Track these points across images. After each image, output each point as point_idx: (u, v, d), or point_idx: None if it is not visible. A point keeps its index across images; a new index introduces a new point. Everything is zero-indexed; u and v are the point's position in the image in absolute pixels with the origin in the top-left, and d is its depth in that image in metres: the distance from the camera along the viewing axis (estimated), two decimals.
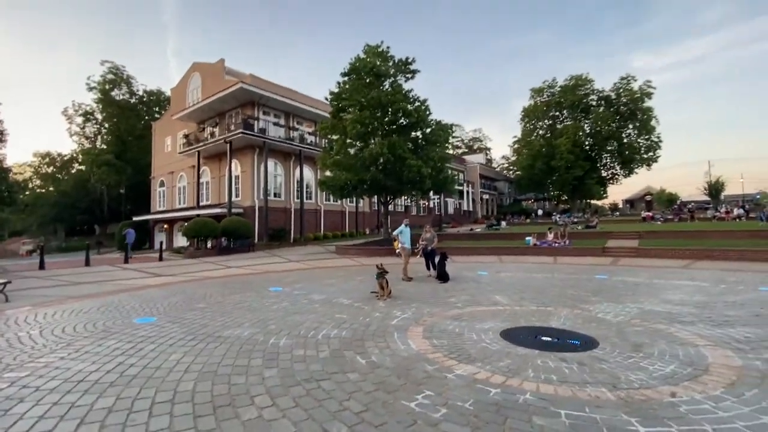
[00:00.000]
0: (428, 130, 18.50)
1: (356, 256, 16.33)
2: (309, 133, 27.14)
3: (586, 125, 48.09)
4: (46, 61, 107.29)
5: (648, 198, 66.90)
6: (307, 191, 27.15)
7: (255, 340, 4.55)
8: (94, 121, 47.16)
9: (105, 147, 45.21)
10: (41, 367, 3.69)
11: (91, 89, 43.34)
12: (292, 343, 4.40)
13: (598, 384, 3.20)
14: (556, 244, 16.08)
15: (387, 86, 17.92)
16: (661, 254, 13.20)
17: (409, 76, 18.94)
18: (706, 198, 54.97)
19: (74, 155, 50.97)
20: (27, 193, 47.23)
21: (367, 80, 17.47)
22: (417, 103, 17.79)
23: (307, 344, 4.37)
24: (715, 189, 54.45)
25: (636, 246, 14.72)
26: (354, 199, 23.48)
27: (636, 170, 47.91)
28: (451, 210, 49.82)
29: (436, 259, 9.73)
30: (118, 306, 6.84)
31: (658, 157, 46.55)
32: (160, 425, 2.55)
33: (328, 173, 19.28)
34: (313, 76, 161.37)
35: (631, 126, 46.41)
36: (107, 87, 43.46)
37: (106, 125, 46.31)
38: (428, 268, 10.24)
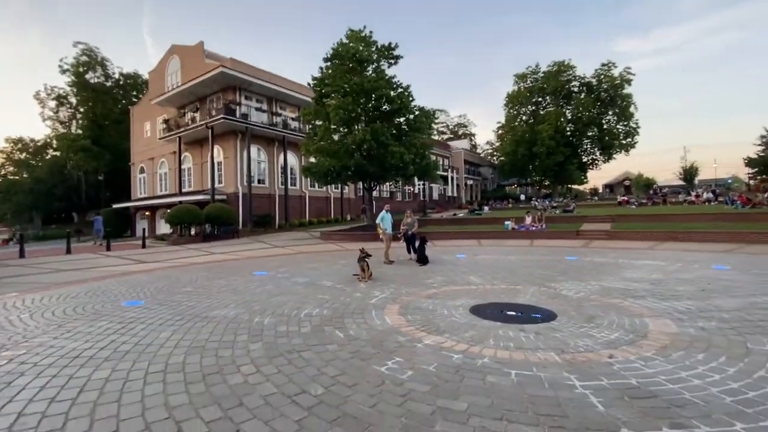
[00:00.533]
0: (411, 117, 18.68)
1: (340, 241, 16.63)
2: (293, 119, 26.96)
3: (567, 111, 48.92)
4: (12, 40, 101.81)
5: (626, 183, 68.80)
6: (291, 177, 27.14)
7: (240, 319, 4.84)
8: (68, 105, 45.55)
9: (81, 132, 43.83)
10: (36, 346, 3.91)
11: (64, 72, 41.75)
12: (275, 321, 4.70)
13: (549, 349, 3.62)
14: (533, 228, 16.70)
15: (370, 72, 17.94)
16: (631, 236, 13.92)
17: (392, 61, 18.96)
18: (682, 183, 56.83)
19: (48, 140, 49.22)
20: (0, 180, 45.62)
21: (350, 66, 17.45)
22: (400, 90, 17.90)
23: (290, 322, 4.69)
24: (689, 174, 56.23)
25: (608, 229, 15.44)
26: (339, 185, 23.58)
27: (615, 156, 49.28)
28: (435, 195, 50.37)
29: (417, 244, 10.10)
30: (105, 291, 7.01)
31: (635, 143, 47.91)
32: (154, 390, 2.84)
33: (312, 159, 19.35)
34: (296, 59, 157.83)
35: (610, 112, 47.45)
36: (81, 70, 41.87)
37: (81, 109, 44.79)
38: (409, 252, 10.63)
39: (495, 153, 63.94)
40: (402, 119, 18.62)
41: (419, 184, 43.54)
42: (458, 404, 2.57)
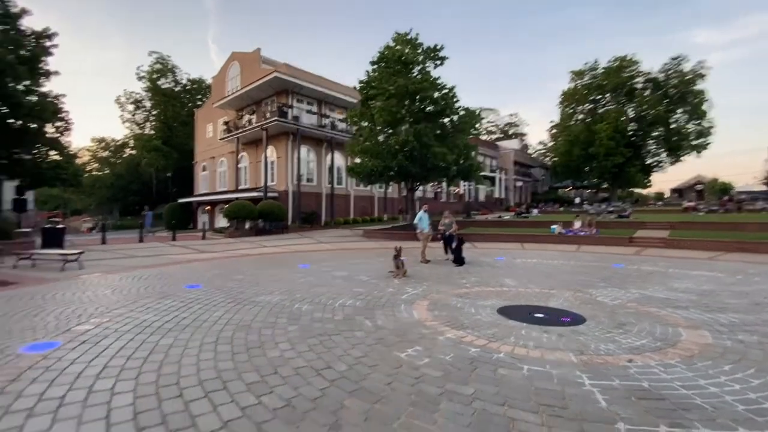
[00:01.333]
0: (455, 117, 18.67)
1: (381, 239, 17.07)
2: (340, 120, 27.87)
3: (630, 110, 45.67)
4: (98, 51, 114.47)
5: (698, 188, 62.79)
6: (337, 176, 28.08)
7: (282, 304, 5.37)
8: (143, 109, 50.46)
9: (153, 133, 48.38)
10: (116, 316, 4.68)
11: (140, 78, 46.30)
12: (312, 308, 5.17)
13: (567, 350, 3.70)
14: (582, 233, 16.00)
15: (415, 74, 18.17)
16: (690, 245, 12.92)
17: (438, 62, 19.04)
18: (766, 188, 50.88)
19: (126, 140, 54.93)
20: (86, 175, 51.62)
21: (396, 68, 17.80)
22: (444, 91, 17.97)
23: (325, 310, 5.13)
24: None
25: (665, 237, 14.41)
26: (383, 185, 24.07)
27: (683, 158, 45.20)
28: (482, 197, 49.37)
29: (454, 244, 10.22)
30: (171, 275, 7.96)
31: (708, 143, 43.57)
32: (207, 356, 3.37)
33: (357, 160, 19.99)
34: (346, 62, 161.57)
35: (680, 110, 43.58)
36: (155, 76, 46.20)
37: (154, 112, 49.40)
38: (446, 252, 10.77)
39: (548, 154, 61.27)
40: (446, 120, 18.66)
41: (464, 185, 42.95)
42: (465, 389, 2.81)
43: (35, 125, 14.23)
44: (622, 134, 42.69)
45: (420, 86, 17.13)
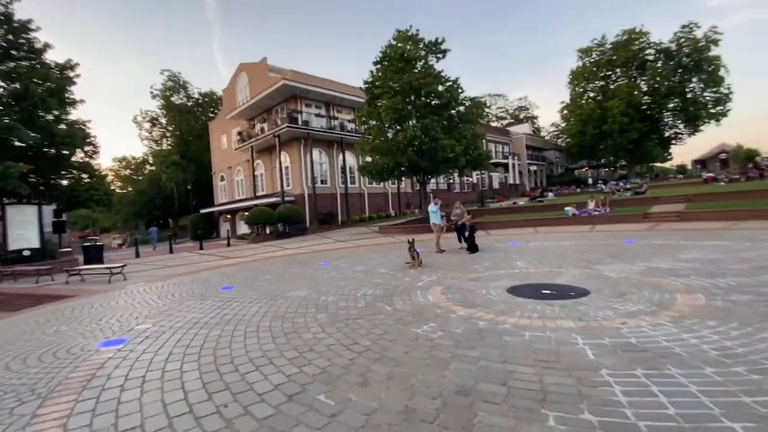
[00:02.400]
0: (462, 108, 18.92)
1: (397, 234, 17.55)
2: (349, 121, 28.41)
3: (642, 83, 44.61)
4: (110, 72, 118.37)
5: (722, 156, 60.68)
6: (351, 176, 28.69)
7: (310, 297, 5.93)
8: (159, 125, 52.32)
9: (171, 148, 50.12)
10: (167, 317, 5.34)
11: (154, 97, 48.10)
12: (337, 299, 5.72)
13: (568, 319, 4.12)
14: (596, 213, 16.10)
15: (418, 69, 18.50)
16: (705, 217, 12.92)
17: (440, 56, 19.31)
18: None
19: (145, 157, 57.05)
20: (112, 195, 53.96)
21: (399, 65, 18.16)
22: (448, 83, 18.25)
23: (349, 299, 5.66)
24: None
25: (681, 210, 14.40)
26: (395, 180, 24.53)
27: (701, 128, 43.91)
28: (496, 184, 49.20)
29: (467, 233, 10.62)
30: (206, 280, 8.67)
31: (728, 110, 42.22)
32: (251, 341, 3.95)
33: (368, 158, 20.50)
34: (352, 61, 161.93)
35: (695, 79, 42.33)
36: (168, 94, 47.83)
37: (170, 128, 51.15)
38: (460, 241, 11.17)
39: (560, 135, 60.35)
40: (453, 111, 18.93)
41: (477, 174, 42.93)
42: (472, 353, 3.29)
43: (67, 151, 15.27)
44: (636, 109, 41.81)
45: (424, 81, 17.46)
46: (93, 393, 2.97)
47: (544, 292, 5.51)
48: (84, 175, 16.93)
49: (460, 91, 18.59)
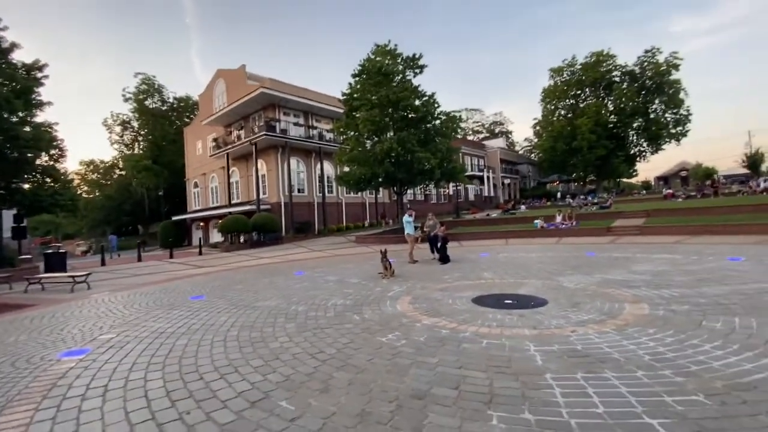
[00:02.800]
0: (437, 122, 19.45)
1: (373, 244, 17.70)
2: (327, 130, 28.56)
3: (609, 103, 47.06)
4: (80, 72, 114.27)
5: (683, 174, 64.36)
6: (328, 185, 28.72)
7: (280, 307, 5.99)
8: (131, 129, 50.76)
9: (142, 152, 48.64)
10: (133, 326, 5.27)
11: (126, 100, 46.72)
12: (307, 309, 5.80)
13: (524, 327, 4.38)
14: (563, 226, 16.81)
15: (396, 84, 18.94)
16: (663, 231, 13.76)
17: (418, 71, 19.85)
18: (746, 171, 52.39)
19: (115, 161, 55.09)
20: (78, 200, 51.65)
21: (377, 79, 18.55)
22: (425, 98, 18.76)
23: (318, 309, 5.76)
24: (754, 161, 51.64)
25: (641, 225, 15.25)
26: (373, 190, 24.79)
27: (663, 146, 46.62)
28: (472, 196, 50.28)
29: (439, 244, 10.90)
30: (175, 289, 8.54)
31: (687, 131, 45.08)
32: (218, 350, 4.00)
33: (345, 169, 20.67)
34: (332, 64, 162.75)
35: (657, 100, 45.08)
36: (141, 97, 46.61)
37: (142, 132, 49.73)
38: (432, 252, 11.45)
39: (533, 150, 62.53)
40: (429, 125, 19.42)
41: (453, 186, 43.80)
42: (431, 359, 3.47)
43: (31, 154, 14.69)
44: (603, 127, 43.98)
45: (401, 95, 17.89)
46: (54, 402, 2.96)
47: (506, 301, 5.79)
48: (48, 179, 16.28)
49: (436, 105, 19.13)
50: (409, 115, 18.79)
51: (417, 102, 18.50)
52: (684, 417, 2.30)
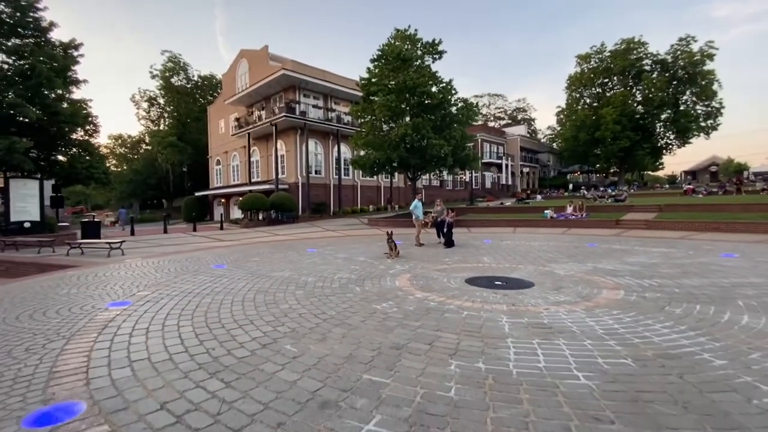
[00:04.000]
0: (453, 109, 19.62)
1: (384, 226, 18.30)
2: (345, 113, 28.98)
3: (638, 92, 45.51)
4: (107, 48, 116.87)
5: (713, 169, 62.08)
6: (345, 168, 29.34)
7: (291, 278, 6.70)
8: (157, 106, 52.31)
9: (168, 129, 50.23)
10: (165, 287, 6.07)
11: (153, 77, 48.09)
12: (315, 280, 6.49)
13: (504, 304, 4.92)
14: (573, 217, 16.98)
15: (414, 69, 19.13)
16: (671, 226, 13.83)
17: (437, 57, 19.95)
18: None
19: (142, 137, 57.05)
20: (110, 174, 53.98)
21: (396, 64, 18.77)
22: (442, 84, 18.91)
23: (326, 281, 6.44)
24: None
25: (651, 219, 15.32)
26: (388, 175, 25.25)
27: (691, 140, 45.07)
28: (488, 184, 50.12)
29: (445, 229, 11.41)
30: (199, 258, 9.40)
31: (718, 125, 43.44)
32: (237, 309, 4.71)
33: (361, 152, 21.18)
34: (354, 44, 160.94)
35: (688, 92, 43.38)
36: (167, 75, 47.81)
37: (168, 109, 51.20)
38: (438, 236, 11.97)
39: (555, 139, 61.29)
40: (444, 112, 19.63)
41: (469, 173, 43.72)
42: (415, 323, 4.07)
43: (69, 129, 15.76)
44: (629, 117, 42.75)
45: (419, 81, 18.11)
46: (107, 336, 3.73)
47: (496, 283, 6.32)
48: (84, 153, 17.43)
49: (453, 92, 19.28)
50: (426, 101, 19.03)
51: (434, 88, 18.69)
52: (606, 373, 2.84)
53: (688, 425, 2.14)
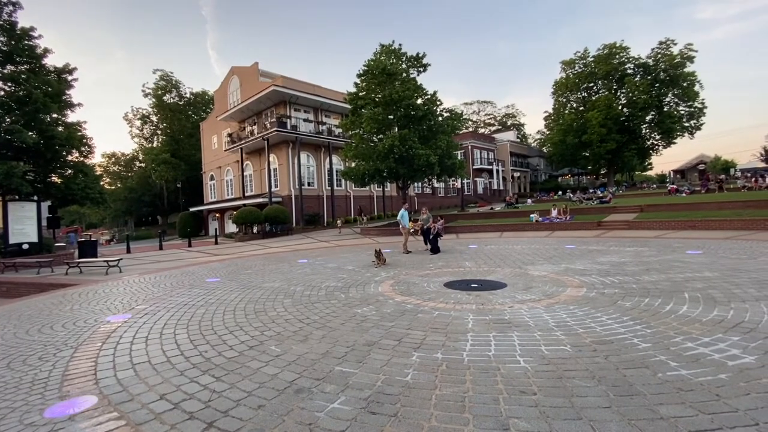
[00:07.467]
0: (439, 119, 20.27)
1: (376, 236, 18.80)
2: (336, 126, 29.62)
3: (622, 95, 46.68)
4: (98, 64, 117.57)
5: (701, 167, 63.23)
6: (336, 179, 29.87)
7: (281, 288, 7.13)
8: (150, 123, 52.84)
9: (161, 146, 50.68)
10: (162, 300, 6.49)
11: (146, 96, 48.64)
12: (303, 289, 6.93)
13: (474, 304, 5.39)
14: (557, 220, 17.55)
15: (399, 83, 19.80)
16: (649, 226, 14.41)
17: (421, 69, 20.66)
18: (765, 165, 51.44)
19: (135, 154, 57.43)
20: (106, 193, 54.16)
21: (381, 79, 19.43)
22: (426, 96, 19.58)
23: (313, 289, 6.88)
24: None
25: (631, 220, 15.91)
26: (379, 184, 25.79)
27: (675, 140, 46.22)
28: (480, 189, 50.80)
29: (431, 237, 11.89)
30: (194, 273, 9.80)
31: (701, 124, 44.65)
32: (229, 318, 5.14)
33: (351, 164, 21.73)
34: (344, 58, 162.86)
35: (671, 93, 44.59)
36: (160, 92, 48.45)
37: (161, 126, 51.74)
38: (425, 243, 12.45)
39: (544, 143, 62.40)
40: (430, 122, 20.27)
41: (461, 180, 44.38)
42: (389, 324, 4.53)
43: (65, 152, 16.18)
44: (614, 120, 43.77)
45: (404, 94, 18.75)
46: (111, 344, 4.15)
47: (472, 285, 6.78)
48: (79, 174, 17.81)
49: (438, 103, 19.95)
50: (412, 113, 19.66)
51: (419, 100, 19.34)
52: (543, 357, 3.31)
53: (595, 394, 2.61)
